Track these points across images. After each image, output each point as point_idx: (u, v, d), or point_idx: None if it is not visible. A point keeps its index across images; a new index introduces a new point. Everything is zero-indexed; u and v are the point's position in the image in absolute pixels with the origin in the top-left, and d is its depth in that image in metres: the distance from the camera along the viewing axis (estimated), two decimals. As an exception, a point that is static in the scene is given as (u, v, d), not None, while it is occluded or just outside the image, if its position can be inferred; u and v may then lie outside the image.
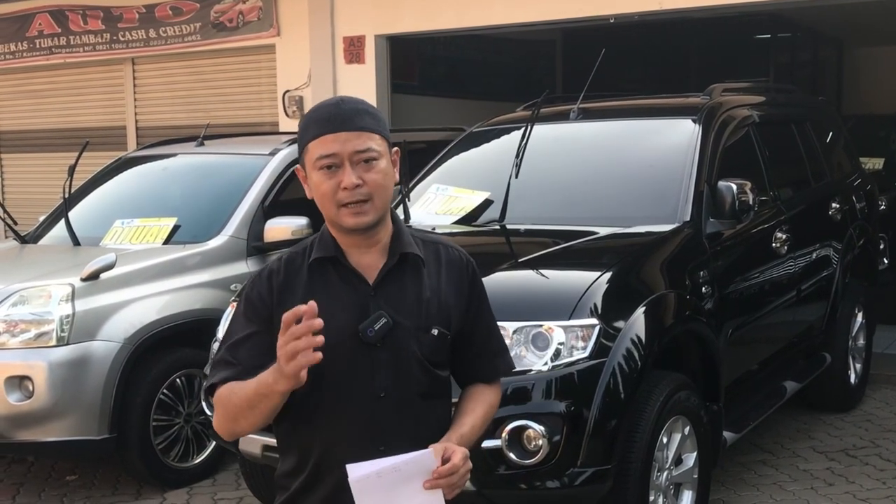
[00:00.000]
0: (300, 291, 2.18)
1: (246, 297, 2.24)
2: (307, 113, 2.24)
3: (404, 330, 2.19)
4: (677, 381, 4.09)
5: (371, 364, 2.16)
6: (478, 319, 2.33)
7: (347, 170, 2.13)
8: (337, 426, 2.17)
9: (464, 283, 2.31)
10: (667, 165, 4.99)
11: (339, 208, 2.15)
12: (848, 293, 6.17)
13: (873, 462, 5.38)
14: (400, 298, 2.20)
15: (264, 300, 2.19)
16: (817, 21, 11.85)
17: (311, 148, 2.16)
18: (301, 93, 9.39)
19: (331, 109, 2.17)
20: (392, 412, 2.18)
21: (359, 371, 2.16)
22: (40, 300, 5.00)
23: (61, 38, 10.80)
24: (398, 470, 2.05)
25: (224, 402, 2.15)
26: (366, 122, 2.16)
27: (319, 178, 2.16)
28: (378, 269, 2.21)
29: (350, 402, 2.16)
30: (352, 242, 2.21)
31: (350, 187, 2.13)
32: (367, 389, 2.16)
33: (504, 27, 8.84)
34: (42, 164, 11.28)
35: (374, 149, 2.16)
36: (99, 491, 5.38)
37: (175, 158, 6.81)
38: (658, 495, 4.00)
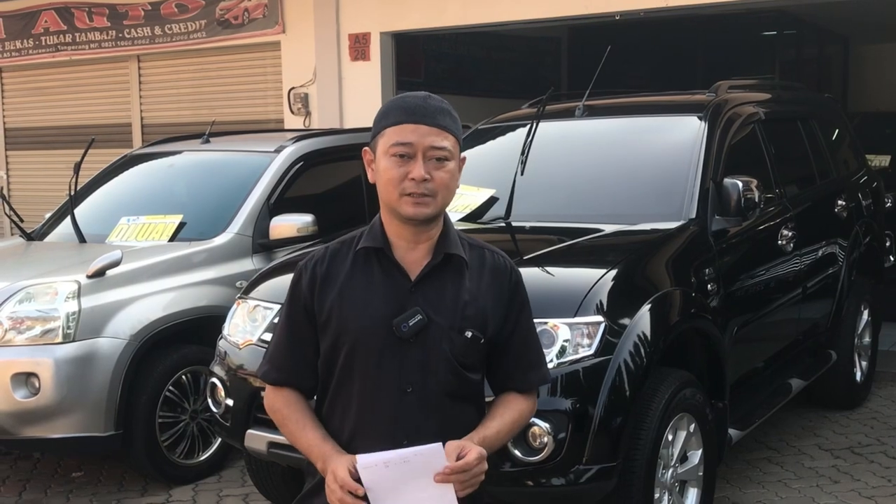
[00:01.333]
0: (340, 280, 2.25)
1: (292, 288, 2.33)
2: (391, 100, 2.28)
3: (438, 329, 2.22)
4: (683, 378, 4.09)
5: (400, 358, 2.20)
6: (516, 328, 2.34)
7: (419, 162, 2.18)
8: (364, 415, 2.23)
9: (504, 291, 2.33)
10: (672, 162, 4.98)
11: (401, 196, 2.19)
12: (854, 290, 6.16)
13: (879, 460, 5.37)
14: (438, 298, 2.24)
15: (305, 291, 2.28)
16: (823, 18, 11.83)
17: (388, 133, 2.21)
18: (306, 90, 9.41)
19: (417, 101, 2.22)
20: (417, 407, 2.21)
21: (388, 364, 2.21)
22: (46, 297, 5.01)
23: (67, 36, 10.82)
24: (407, 461, 2.08)
25: (276, 417, 2.34)
26: (446, 122, 2.22)
27: (389, 163, 2.20)
28: (421, 267, 2.25)
29: (377, 394, 2.21)
30: (402, 235, 2.25)
31: (418, 179, 2.17)
32: (395, 383, 2.20)
33: (509, 24, 8.84)
34: (48, 161, 11.31)
35: (448, 149, 2.22)
36: (105, 487, 5.39)
37: (181, 155, 6.81)
38: (663, 493, 4.00)
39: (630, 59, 10.83)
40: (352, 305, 2.21)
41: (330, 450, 2.21)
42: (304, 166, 6.21)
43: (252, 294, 4.55)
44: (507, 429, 2.31)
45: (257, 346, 4.30)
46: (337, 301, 2.23)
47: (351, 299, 2.22)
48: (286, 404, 2.31)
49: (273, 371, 2.33)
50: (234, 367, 4.41)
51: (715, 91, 5.47)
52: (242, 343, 4.39)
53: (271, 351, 2.37)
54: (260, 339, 4.31)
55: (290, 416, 2.29)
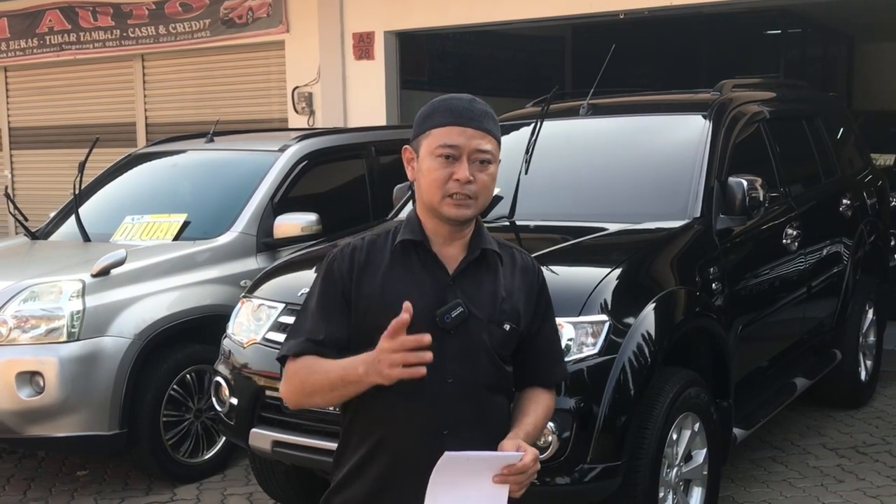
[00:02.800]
0: (381, 271, 2.27)
1: (327, 268, 2.32)
2: (434, 101, 2.30)
3: (477, 321, 2.27)
4: (687, 377, 4.08)
5: (441, 349, 2.19)
6: (543, 326, 2.41)
7: (464, 164, 2.23)
8: (402, 403, 2.22)
9: (534, 290, 2.40)
10: (677, 161, 4.98)
11: (444, 197, 2.24)
12: (858, 290, 6.15)
13: (884, 459, 5.37)
14: (476, 291, 2.29)
15: (343, 275, 2.28)
16: (828, 17, 11.82)
17: (435, 134, 2.25)
18: (310, 89, 9.41)
19: (464, 104, 2.27)
20: (458, 398, 2.24)
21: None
22: (51, 296, 5.01)
23: (71, 35, 10.83)
24: (488, 462, 2.12)
25: (301, 377, 2.24)
26: (491, 126, 2.29)
27: (434, 164, 2.24)
28: (458, 261, 2.30)
29: (418, 382, 2.17)
30: (439, 232, 2.29)
31: (462, 180, 2.22)
32: (436, 372, 2.19)
33: (513, 23, 8.83)
34: (52, 160, 11.32)
35: (492, 152, 2.27)
36: (109, 486, 5.39)
37: (185, 155, 6.82)
38: (668, 492, 4.00)
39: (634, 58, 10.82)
40: (394, 295, 2.20)
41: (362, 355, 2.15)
42: (307, 165, 6.21)
43: (256, 293, 4.55)
44: (540, 424, 2.37)
45: (262, 344, 4.30)
46: (378, 290, 2.25)
47: (393, 289, 2.24)
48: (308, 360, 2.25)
49: (296, 343, 2.28)
50: (239, 365, 4.42)
51: (719, 90, 5.46)
52: (247, 342, 4.39)
53: (306, 326, 2.30)
54: (264, 337, 4.31)
55: (314, 363, 2.23)
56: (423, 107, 2.32)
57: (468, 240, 2.32)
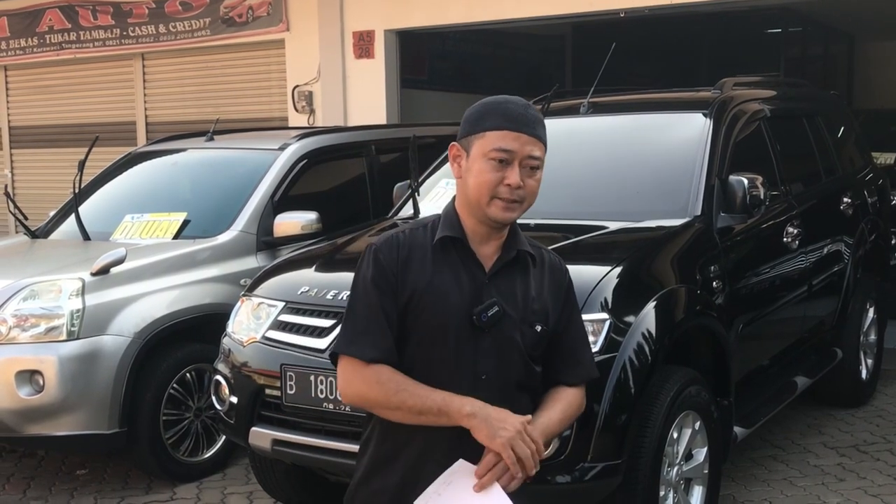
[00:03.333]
0: (427, 265, 2.29)
1: (375, 263, 2.29)
2: (489, 102, 2.32)
3: (511, 321, 2.31)
4: (688, 376, 4.08)
5: (476, 347, 2.27)
6: (569, 325, 2.45)
7: (516, 169, 2.26)
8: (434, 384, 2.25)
9: (561, 289, 2.44)
10: (677, 160, 4.97)
11: (492, 199, 2.27)
12: (859, 288, 6.14)
13: (885, 458, 5.36)
14: (510, 291, 2.32)
15: (392, 268, 2.28)
16: (828, 15, 11.81)
17: (490, 137, 2.27)
18: (310, 88, 9.41)
19: (520, 109, 2.29)
20: (492, 395, 2.27)
21: (464, 352, 2.28)
22: (51, 295, 5.01)
23: (71, 34, 10.82)
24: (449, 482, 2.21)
25: (388, 390, 2.22)
26: (542, 133, 2.33)
27: (486, 167, 2.26)
28: (493, 260, 2.33)
29: (454, 379, 2.26)
30: (478, 231, 2.32)
31: (514, 186, 2.25)
32: (471, 370, 2.27)
33: (514, 22, 8.83)
34: (52, 159, 11.32)
35: (541, 158, 2.32)
36: (109, 485, 5.39)
37: (185, 153, 6.81)
38: (668, 490, 3.99)
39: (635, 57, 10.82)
40: (437, 290, 2.26)
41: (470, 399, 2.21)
42: (307, 164, 6.21)
43: (256, 291, 4.54)
44: (560, 418, 2.39)
45: (261, 343, 4.30)
46: (423, 285, 2.27)
47: (436, 285, 2.27)
48: (394, 373, 2.24)
49: (370, 348, 2.25)
50: (239, 364, 4.41)
51: (720, 88, 5.45)
52: (246, 340, 4.39)
53: (359, 327, 2.28)
54: (264, 336, 4.30)
55: (405, 381, 2.23)
56: (476, 105, 2.34)
57: (504, 240, 2.35)
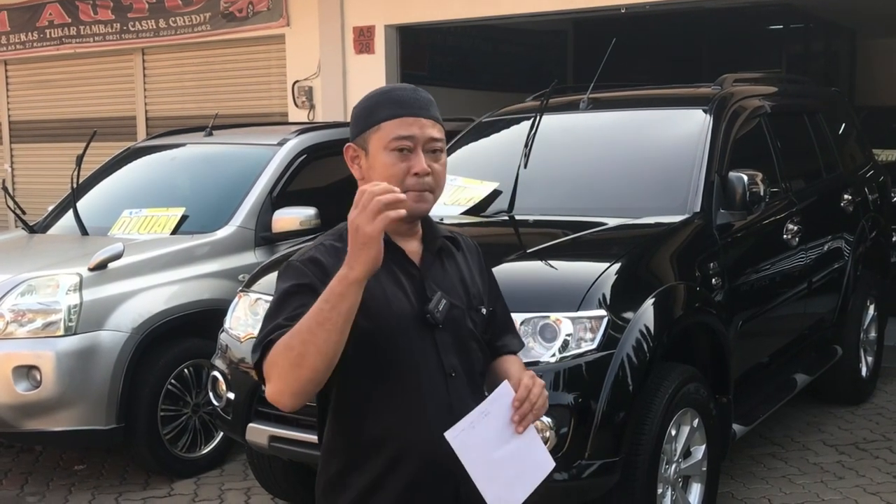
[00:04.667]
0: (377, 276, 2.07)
1: (296, 275, 2.09)
2: (374, 94, 2.19)
3: (459, 311, 2.22)
4: (686, 373, 4.06)
5: (436, 345, 2.15)
6: (497, 300, 2.41)
7: (420, 156, 2.13)
8: (415, 411, 2.11)
9: (483, 269, 2.39)
10: (677, 156, 4.95)
11: (404, 192, 2.06)
12: (860, 285, 6.13)
13: (884, 455, 5.35)
14: (445, 281, 2.23)
15: (316, 283, 2.03)
16: (830, 11, 11.78)
17: (387, 127, 2.12)
18: (311, 83, 9.39)
19: (409, 94, 2.17)
20: (463, 390, 2.18)
21: (427, 353, 2.15)
22: (48, 290, 5.00)
23: (71, 29, 10.81)
24: (487, 413, 2.07)
25: (281, 350, 1.96)
26: (437, 114, 2.21)
27: (391, 159, 2.12)
28: (418, 255, 2.21)
29: (426, 386, 2.13)
30: (397, 230, 2.16)
31: (422, 174, 2.13)
32: (439, 370, 2.15)
33: (514, 17, 8.81)
34: (52, 154, 11.30)
35: (442, 140, 2.19)
36: (107, 481, 5.38)
37: (183, 148, 6.79)
38: (666, 488, 3.98)
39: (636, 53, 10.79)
40: (380, 299, 2.09)
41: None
42: (307, 159, 6.19)
43: (254, 287, 4.53)
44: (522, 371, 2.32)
45: (259, 339, 4.28)
46: (364, 296, 2.01)
47: (377, 293, 2.08)
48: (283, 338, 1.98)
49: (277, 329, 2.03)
50: (236, 360, 4.40)
51: (720, 84, 5.43)
52: (244, 336, 4.38)
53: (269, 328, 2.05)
54: (261, 332, 4.28)
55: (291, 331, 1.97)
56: (362, 100, 2.20)
57: (422, 233, 2.23)
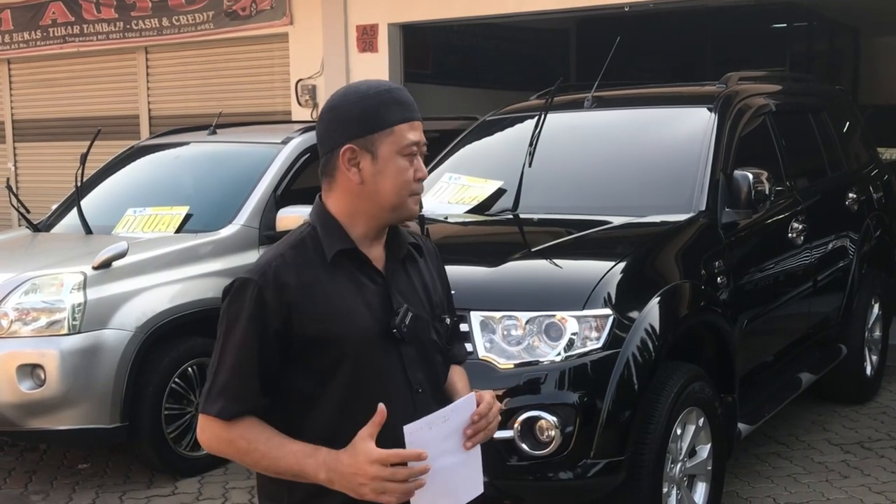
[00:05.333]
0: (324, 288, 2.01)
1: (256, 300, 1.98)
2: (377, 92, 2.07)
3: (424, 322, 2.13)
4: (691, 372, 4.06)
5: (402, 360, 2.08)
6: (451, 305, 2.32)
7: (421, 160, 2.09)
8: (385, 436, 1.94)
9: (441, 271, 2.31)
10: (682, 154, 4.94)
11: (409, 196, 2.08)
12: (864, 284, 6.11)
13: (889, 455, 5.33)
14: (410, 290, 2.14)
15: (277, 305, 1.98)
16: (834, 10, 11.76)
17: (400, 131, 2.04)
18: (314, 82, 9.38)
19: (407, 94, 2.11)
20: (429, 406, 2.08)
21: (393, 369, 2.07)
22: (52, 288, 5.00)
23: (75, 27, 10.80)
24: (447, 419, 2.01)
25: (239, 449, 1.98)
26: None
27: (405, 164, 2.05)
28: (381, 262, 2.12)
29: (394, 404, 1.99)
30: (369, 236, 2.09)
31: (425, 178, 2.12)
32: (406, 386, 2.08)
33: (518, 16, 8.79)
34: (55, 152, 11.30)
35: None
36: (111, 479, 5.38)
37: (187, 147, 6.80)
38: (671, 487, 3.97)
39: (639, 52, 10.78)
40: (345, 314, 2.01)
41: (330, 451, 1.93)
42: (310, 158, 6.18)
43: (258, 286, 4.51)
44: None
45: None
46: (328, 312, 2.00)
47: (342, 308, 2.01)
48: (248, 429, 1.98)
49: (231, 404, 1.98)
50: (240, 359, 4.38)
51: (725, 82, 5.42)
52: (248, 335, 4.36)
53: (222, 381, 1.99)
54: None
55: (257, 437, 1.97)
56: (354, 98, 2.07)
57: (386, 237, 2.15)
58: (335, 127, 2.06)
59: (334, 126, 2.07)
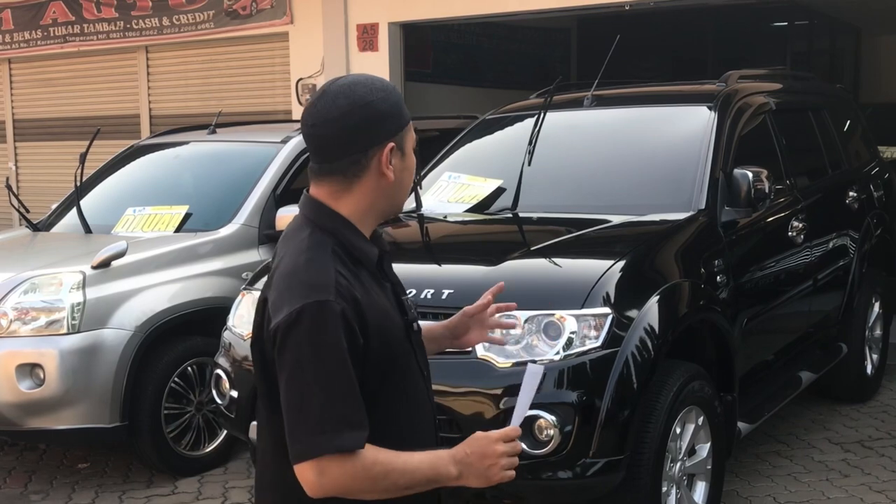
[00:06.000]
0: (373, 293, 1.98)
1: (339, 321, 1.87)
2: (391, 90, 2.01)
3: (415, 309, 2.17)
4: (691, 371, 4.05)
5: (414, 349, 2.09)
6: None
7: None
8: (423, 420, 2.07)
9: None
10: (682, 153, 4.94)
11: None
12: (865, 283, 6.10)
13: (889, 453, 5.33)
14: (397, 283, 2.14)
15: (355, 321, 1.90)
16: (835, 8, 11.75)
17: (410, 127, 2.02)
18: (314, 80, 9.37)
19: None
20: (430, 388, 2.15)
21: (421, 364, 2.11)
22: (51, 288, 4.99)
23: (75, 27, 10.80)
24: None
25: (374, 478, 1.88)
26: None
27: (414, 159, 2.06)
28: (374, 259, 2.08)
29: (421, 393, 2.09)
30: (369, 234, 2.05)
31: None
32: (420, 374, 2.10)
33: (518, 14, 8.79)
34: (56, 152, 11.30)
35: None
36: (110, 479, 5.38)
37: (187, 146, 6.79)
38: (671, 486, 3.96)
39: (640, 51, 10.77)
40: (385, 317, 1.98)
41: (446, 450, 1.97)
42: (310, 157, 6.17)
43: (257, 285, 4.52)
44: None
45: (262, 337, 4.27)
46: (381, 318, 1.96)
47: (386, 311, 2.00)
48: (374, 453, 1.89)
49: (359, 432, 1.87)
50: (239, 358, 4.39)
51: (725, 81, 5.41)
52: (247, 334, 4.36)
53: (338, 413, 1.85)
54: (265, 330, 4.27)
55: (387, 459, 1.90)
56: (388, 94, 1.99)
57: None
58: (368, 126, 1.95)
59: (366, 125, 1.95)
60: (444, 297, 3.88)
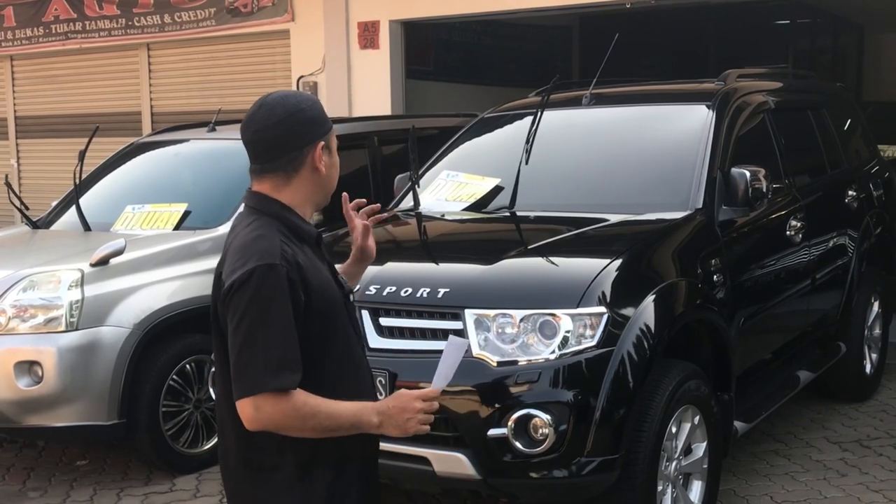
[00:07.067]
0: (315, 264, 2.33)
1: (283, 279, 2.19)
2: (313, 103, 2.38)
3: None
4: (687, 370, 4.05)
5: (351, 320, 2.43)
6: None
7: None
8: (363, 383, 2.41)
9: None
10: (679, 152, 4.93)
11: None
12: (864, 282, 6.09)
13: (888, 453, 5.32)
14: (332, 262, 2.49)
15: (297, 281, 2.22)
16: (837, 6, 11.73)
17: (334, 133, 2.41)
18: (315, 78, 9.37)
19: None
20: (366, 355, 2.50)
21: (351, 325, 2.42)
22: (50, 285, 5.00)
23: (77, 24, 10.81)
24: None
25: (303, 417, 2.19)
26: None
27: (338, 158, 2.44)
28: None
29: (360, 357, 2.43)
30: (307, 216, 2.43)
31: None
32: (357, 341, 2.44)
33: (520, 12, 8.78)
34: (58, 149, 11.31)
35: None
36: (109, 476, 5.39)
37: (186, 144, 6.80)
38: (667, 485, 3.97)
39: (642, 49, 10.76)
40: (328, 286, 2.33)
41: (373, 402, 2.31)
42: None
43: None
44: None
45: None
46: (321, 285, 2.30)
47: (325, 280, 2.33)
48: (305, 396, 2.20)
49: (296, 374, 2.19)
50: (236, 356, 4.38)
51: (724, 80, 5.41)
52: (244, 332, 4.36)
53: (279, 356, 2.16)
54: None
55: (315, 402, 2.20)
56: (314, 103, 2.37)
57: None
58: (302, 129, 2.32)
59: (301, 128, 2.32)
60: (439, 295, 3.89)
